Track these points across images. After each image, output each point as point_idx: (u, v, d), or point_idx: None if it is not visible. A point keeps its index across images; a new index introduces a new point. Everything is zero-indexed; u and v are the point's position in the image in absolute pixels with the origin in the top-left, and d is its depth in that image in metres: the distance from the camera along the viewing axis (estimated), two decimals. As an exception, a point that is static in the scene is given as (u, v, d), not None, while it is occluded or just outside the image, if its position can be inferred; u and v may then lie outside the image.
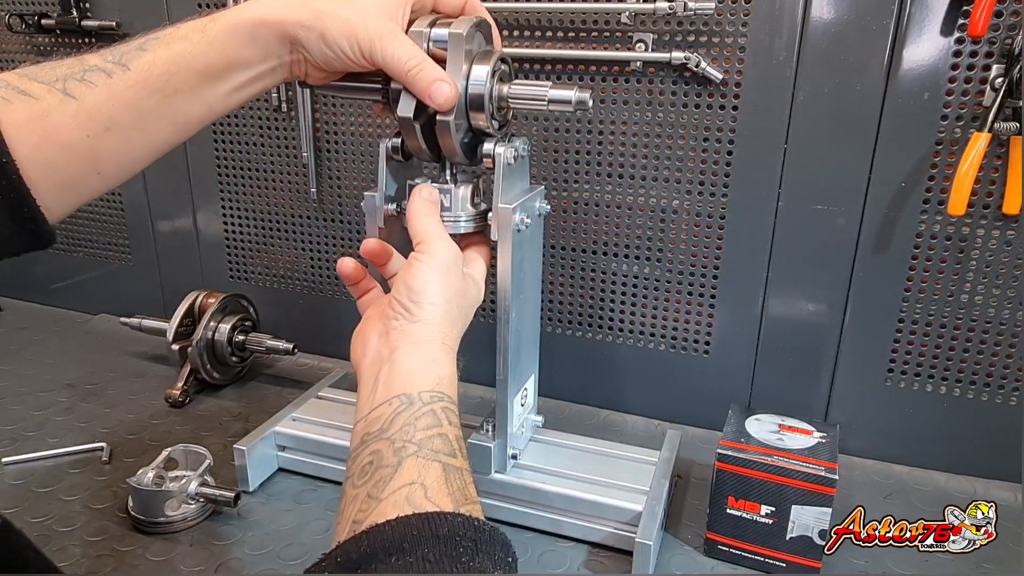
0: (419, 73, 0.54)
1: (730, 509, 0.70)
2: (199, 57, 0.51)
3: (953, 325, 0.81)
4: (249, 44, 0.52)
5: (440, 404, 0.51)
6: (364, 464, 0.47)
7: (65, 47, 1.12)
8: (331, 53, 0.52)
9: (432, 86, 0.55)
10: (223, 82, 0.52)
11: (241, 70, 0.52)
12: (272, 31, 0.52)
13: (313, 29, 0.51)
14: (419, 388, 0.51)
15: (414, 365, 0.52)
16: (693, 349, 0.92)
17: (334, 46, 0.52)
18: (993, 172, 0.75)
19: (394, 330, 0.53)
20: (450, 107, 0.56)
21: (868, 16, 0.75)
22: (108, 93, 0.49)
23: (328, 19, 0.51)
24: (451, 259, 0.56)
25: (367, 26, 0.52)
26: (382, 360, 0.53)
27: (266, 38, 0.52)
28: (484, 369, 0.73)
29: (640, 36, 0.82)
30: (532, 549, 0.73)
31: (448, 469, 0.47)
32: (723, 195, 0.85)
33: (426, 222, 0.57)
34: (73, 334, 1.20)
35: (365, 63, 0.53)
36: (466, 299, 0.58)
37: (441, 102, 0.55)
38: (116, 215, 1.19)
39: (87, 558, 0.70)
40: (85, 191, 0.51)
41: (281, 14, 0.51)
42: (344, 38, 0.52)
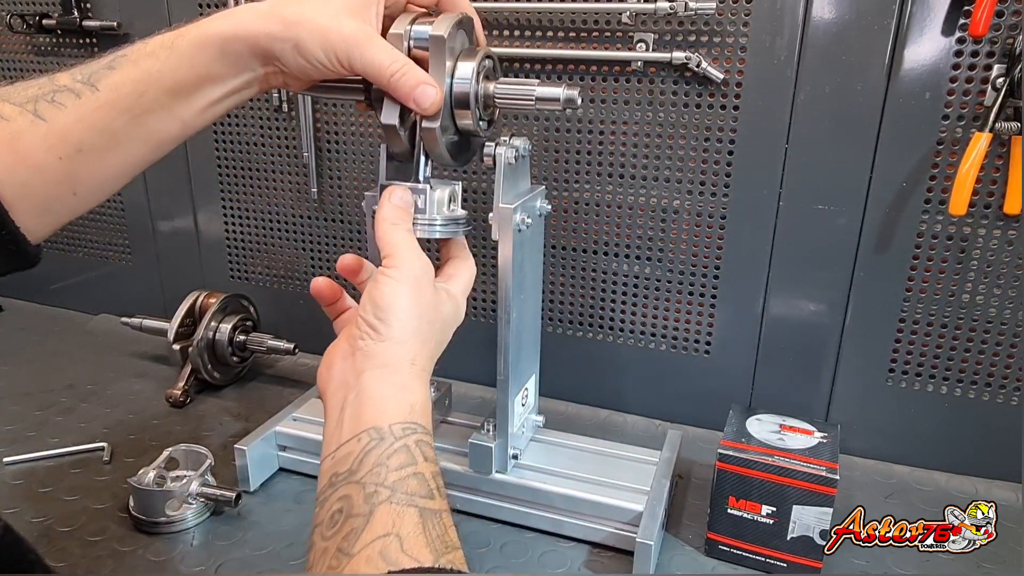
0: (402, 78, 0.51)
1: (731, 509, 0.70)
2: (168, 75, 0.49)
3: (954, 325, 0.81)
4: (219, 59, 0.50)
5: (413, 437, 0.47)
6: (333, 512, 0.44)
7: (66, 47, 1.12)
8: (306, 63, 0.50)
9: (416, 90, 0.52)
10: (195, 99, 0.51)
11: (213, 86, 0.51)
12: (243, 45, 0.50)
13: (286, 40, 0.49)
14: (390, 420, 0.47)
15: (383, 393, 0.48)
16: (694, 349, 0.92)
17: (309, 56, 0.50)
18: (994, 172, 0.75)
19: (359, 351, 0.49)
20: (436, 111, 0.54)
21: (869, 16, 0.75)
22: (78, 114, 0.48)
23: (300, 28, 0.49)
24: (421, 272, 0.52)
25: (341, 32, 0.50)
26: (348, 387, 0.49)
27: (237, 52, 0.50)
28: (485, 369, 0.73)
29: (641, 36, 0.82)
30: (533, 549, 0.73)
31: (425, 514, 0.43)
32: (724, 195, 0.85)
33: (393, 232, 0.53)
34: (74, 334, 1.20)
35: (343, 70, 0.51)
36: (439, 316, 0.54)
37: (427, 106, 0.53)
38: (117, 215, 1.19)
39: (88, 558, 0.70)
40: (63, 212, 0.50)
41: (251, 27, 0.49)
42: (319, 47, 0.49)
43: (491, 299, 0.99)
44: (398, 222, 0.54)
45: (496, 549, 0.73)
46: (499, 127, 0.63)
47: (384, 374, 0.49)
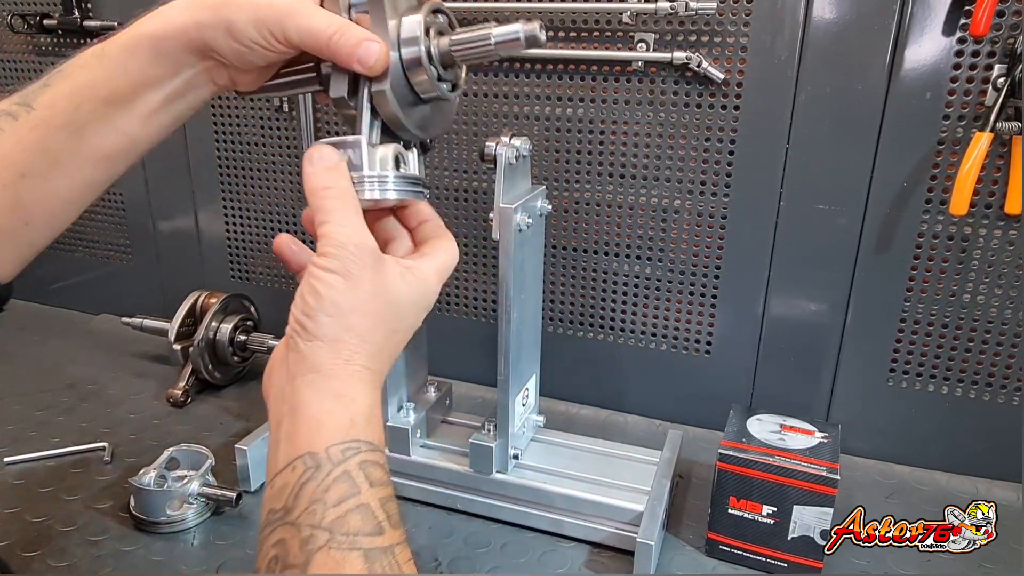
0: (341, 38, 0.45)
1: (731, 509, 0.70)
2: (102, 84, 0.46)
3: (955, 325, 0.81)
4: (153, 61, 0.46)
5: (356, 459, 0.41)
6: (269, 560, 0.39)
7: (67, 47, 1.12)
8: (242, 46, 0.46)
9: (358, 48, 0.45)
10: (135, 107, 0.47)
11: (151, 91, 0.47)
12: (174, 42, 0.46)
13: (216, 26, 0.45)
14: (327, 441, 0.41)
15: (318, 406, 0.42)
16: (694, 349, 0.92)
17: (242, 37, 0.45)
18: (995, 172, 0.75)
19: (293, 353, 0.43)
20: (382, 67, 0.47)
21: (870, 16, 0.75)
22: (15, 137, 0.45)
23: (229, 9, 0.45)
24: (357, 253, 0.43)
25: (272, 4, 0.45)
26: (283, 398, 0.43)
27: (170, 50, 0.46)
28: (485, 369, 0.73)
29: (641, 36, 0.82)
30: (533, 549, 0.73)
31: (372, 555, 0.38)
32: (724, 195, 0.85)
33: (324, 198, 0.44)
34: (74, 334, 1.20)
35: (281, 46, 0.46)
36: (392, 300, 0.45)
37: (372, 62, 0.45)
38: (117, 215, 1.19)
39: (88, 558, 0.70)
40: (23, 245, 0.48)
41: (179, 21, 0.46)
42: (251, 25, 0.45)
43: (492, 299, 0.99)
44: (330, 184, 0.45)
45: (496, 549, 0.73)
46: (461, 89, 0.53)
47: (317, 380, 0.42)
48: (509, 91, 0.90)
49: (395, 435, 0.79)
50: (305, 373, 0.42)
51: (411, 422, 0.79)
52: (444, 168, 0.96)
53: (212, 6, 0.46)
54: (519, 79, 0.89)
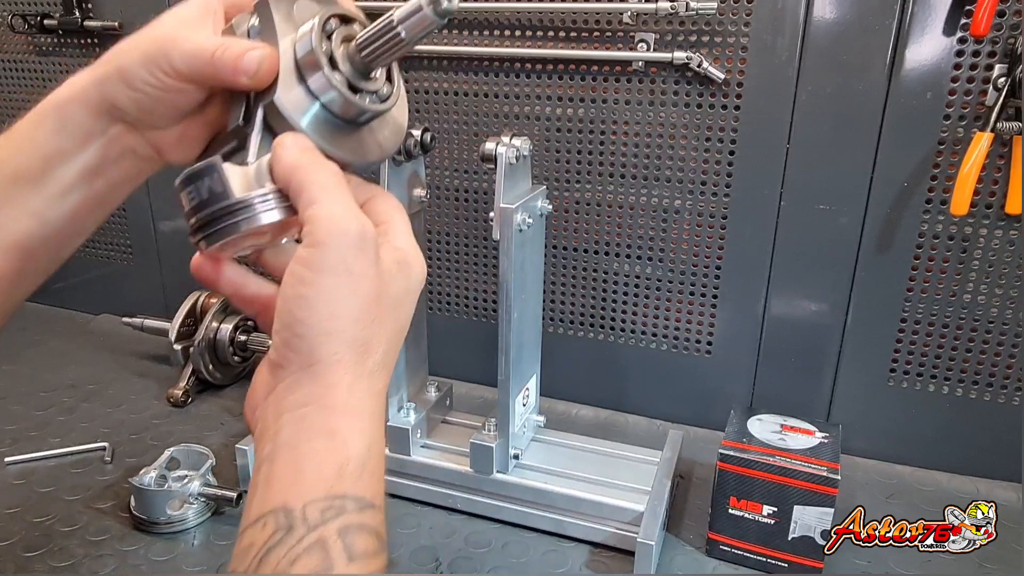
0: (224, 52, 0.39)
1: (732, 509, 0.70)
2: (8, 161, 0.43)
3: (955, 325, 0.81)
4: (60, 130, 0.43)
5: (336, 523, 0.34)
6: None
7: (67, 48, 1.12)
8: (136, 92, 0.41)
9: (240, 59, 0.39)
10: (45, 185, 0.43)
11: (61, 165, 0.43)
12: (77, 105, 0.43)
13: (111, 76, 0.42)
14: (305, 496, 0.34)
15: (304, 448, 0.35)
16: (695, 349, 0.92)
17: (135, 79, 0.41)
18: (996, 172, 0.75)
19: (281, 383, 0.37)
20: (269, 73, 0.40)
21: (870, 16, 0.74)
22: None
23: (122, 55, 0.42)
24: (361, 241, 0.36)
25: (156, 36, 0.41)
26: (266, 435, 0.37)
27: (74, 116, 0.43)
28: (486, 369, 0.73)
29: (642, 36, 0.82)
30: (534, 549, 0.73)
31: None
32: (725, 195, 0.85)
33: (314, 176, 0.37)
34: (75, 334, 1.20)
35: (172, 80, 0.41)
36: (395, 297, 0.39)
37: (254, 68, 0.39)
38: (118, 215, 1.19)
39: (89, 558, 0.70)
40: None
41: (80, 82, 0.43)
42: (140, 64, 0.41)
43: (492, 299, 0.99)
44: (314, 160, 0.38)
45: (497, 549, 0.73)
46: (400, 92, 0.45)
47: (307, 416, 0.36)
48: (509, 91, 0.90)
49: (395, 435, 0.79)
50: (294, 410, 0.36)
51: (411, 422, 0.79)
52: (444, 168, 0.96)
53: (107, 59, 0.42)
54: (519, 79, 0.89)
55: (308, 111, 0.40)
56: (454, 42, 0.90)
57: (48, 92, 0.45)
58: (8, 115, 1.19)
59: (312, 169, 0.38)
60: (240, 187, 0.38)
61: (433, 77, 0.93)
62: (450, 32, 0.90)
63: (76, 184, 0.43)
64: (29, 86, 1.16)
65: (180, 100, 0.42)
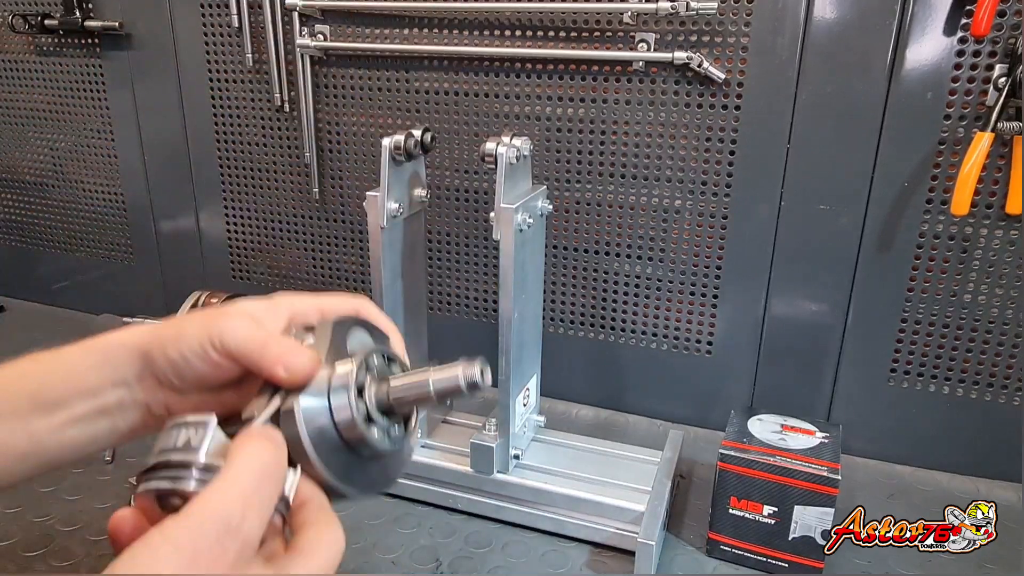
0: (275, 345, 0.42)
1: (732, 509, 0.70)
2: (41, 376, 0.44)
3: (956, 325, 0.81)
4: (100, 366, 0.44)
5: None
6: None
7: (68, 48, 1.12)
8: (181, 358, 0.43)
9: (285, 355, 0.41)
10: (59, 411, 0.44)
11: (84, 398, 0.44)
12: (126, 351, 0.45)
13: (168, 337, 0.44)
14: None
15: None
16: (695, 349, 0.92)
17: (187, 345, 0.43)
18: (996, 172, 0.75)
19: None
20: (301, 376, 0.41)
21: (871, 16, 0.74)
22: None
23: (186, 320, 0.44)
24: (226, 532, 0.34)
25: (220, 316, 0.44)
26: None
27: (118, 358, 0.45)
28: (486, 369, 0.73)
29: (642, 36, 0.82)
30: (534, 549, 0.73)
31: None
32: (725, 195, 0.85)
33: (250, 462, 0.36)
34: (76, 334, 1.19)
35: (218, 358, 0.42)
36: None
37: (296, 367, 0.41)
38: (118, 215, 1.20)
39: (90, 557, 0.70)
40: None
41: (138, 332, 0.45)
42: (197, 334, 0.43)
43: (492, 299, 1.00)
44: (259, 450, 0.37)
45: (498, 549, 0.73)
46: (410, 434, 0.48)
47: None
48: (510, 91, 0.90)
49: (396, 435, 0.79)
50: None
51: (412, 422, 0.79)
52: (445, 168, 0.96)
53: (175, 321, 0.45)
54: (520, 79, 0.89)
55: (317, 422, 0.41)
56: (454, 42, 0.90)
57: (48, 92, 0.45)
58: (8, 115, 1.20)
59: (254, 454, 0.37)
60: (212, 453, 0.38)
61: (433, 77, 0.93)
62: (450, 32, 0.90)
63: (84, 419, 0.45)
64: (29, 86, 1.17)
65: (214, 374, 0.44)
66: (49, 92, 1.15)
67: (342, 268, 1.07)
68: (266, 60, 0.99)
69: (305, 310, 0.47)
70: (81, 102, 1.14)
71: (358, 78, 0.97)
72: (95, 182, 1.19)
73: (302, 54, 0.95)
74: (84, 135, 1.16)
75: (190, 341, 0.43)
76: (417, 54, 0.92)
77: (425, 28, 0.91)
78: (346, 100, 0.98)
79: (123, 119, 1.13)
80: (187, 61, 1.05)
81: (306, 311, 0.47)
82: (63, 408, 0.44)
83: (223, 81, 1.04)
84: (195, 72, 1.05)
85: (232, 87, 1.04)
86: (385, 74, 0.95)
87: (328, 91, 0.98)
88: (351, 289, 1.06)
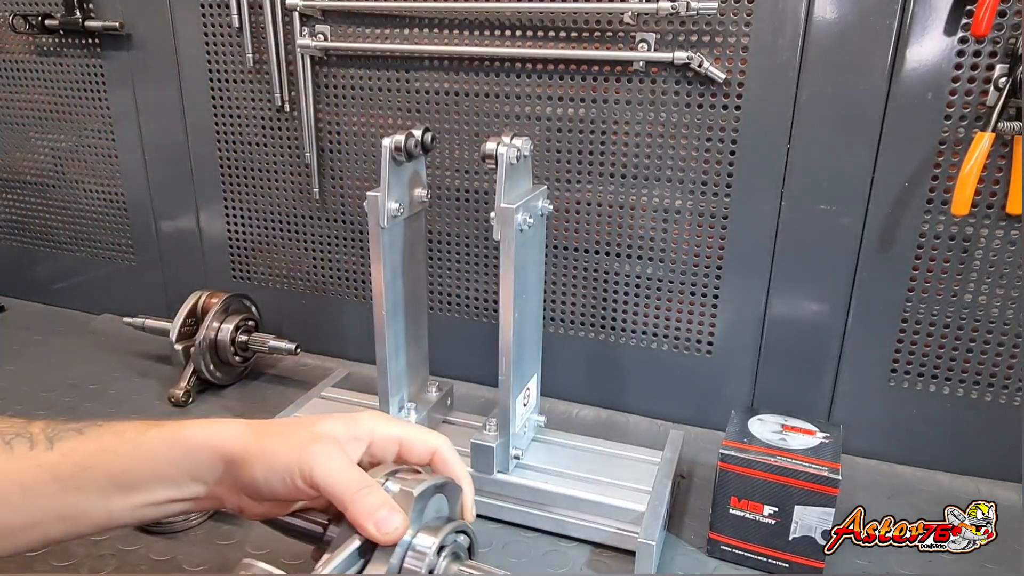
0: (369, 495, 0.44)
1: (733, 509, 0.70)
2: (122, 459, 0.46)
3: (956, 325, 0.81)
4: (181, 460, 0.46)
5: None
6: None
7: (69, 48, 1.12)
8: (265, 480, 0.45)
9: (379, 511, 0.44)
10: (136, 494, 0.46)
11: (162, 487, 0.47)
12: (211, 456, 0.46)
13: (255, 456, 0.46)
14: None
15: None
16: (696, 349, 0.92)
17: (273, 473, 0.45)
18: (997, 172, 0.75)
19: None
20: (388, 540, 0.44)
21: (871, 16, 0.74)
22: (15, 466, 0.45)
23: (278, 444, 0.46)
24: None
25: (315, 449, 0.46)
26: None
27: (202, 461, 0.47)
28: (486, 369, 0.73)
29: (642, 36, 0.82)
30: (535, 549, 0.73)
31: None
32: (726, 195, 0.85)
33: None
34: (76, 334, 1.20)
35: (303, 487, 0.45)
36: None
37: (388, 530, 0.43)
38: (119, 215, 1.20)
39: (91, 557, 0.70)
40: None
41: (224, 436, 0.47)
42: (285, 464, 0.45)
43: (492, 299, 1.00)
44: None
45: (498, 549, 0.73)
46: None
47: None
48: (510, 91, 0.90)
49: (396, 435, 0.79)
50: None
51: (412, 422, 0.79)
52: (445, 168, 0.96)
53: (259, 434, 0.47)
54: (520, 79, 0.89)
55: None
56: (455, 42, 0.90)
57: (48, 92, 0.46)
58: (9, 115, 1.20)
59: None
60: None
61: (434, 77, 0.93)
62: (451, 32, 0.90)
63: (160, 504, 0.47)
64: (30, 86, 1.17)
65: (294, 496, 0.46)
66: (49, 92, 1.16)
67: (342, 268, 1.07)
68: (266, 60, 0.99)
69: (385, 442, 0.49)
70: (82, 102, 1.14)
71: (358, 78, 0.97)
72: (96, 182, 1.19)
73: (302, 54, 0.95)
74: (85, 135, 1.16)
75: (278, 467, 0.45)
76: (417, 54, 0.92)
77: (425, 28, 0.91)
78: (346, 100, 0.98)
79: (124, 119, 1.13)
80: (187, 61, 1.05)
81: (386, 443, 0.49)
82: (141, 492, 0.46)
83: (223, 81, 1.04)
84: (195, 72, 1.05)
85: (232, 87, 1.04)
86: (385, 74, 0.95)
87: (328, 91, 0.98)
88: (351, 289, 1.06)
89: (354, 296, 1.06)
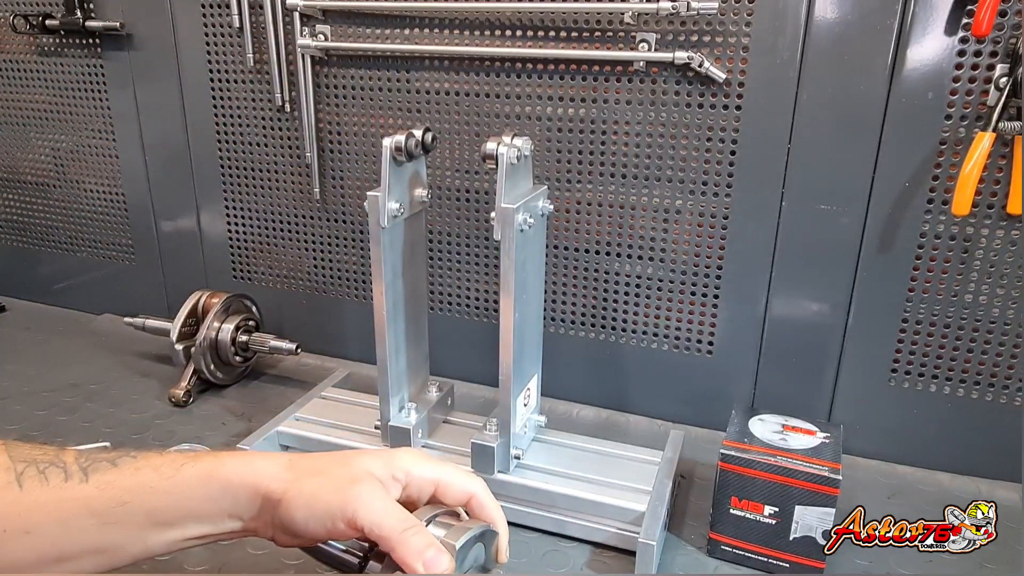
0: (416, 535, 0.45)
1: (733, 509, 0.70)
2: (159, 495, 0.46)
3: (957, 325, 0.81)
4: (219, 498, 0.47)
5: None
6: None
7: (69, 48, 1.12)
8: (305, 523, 0.46)
9: (427, 551, 0.44)
10: (171, 530, 0.46)
11: (199, 523, 0.47)
12: (250, 491, 0.47)
13: (294, 498, 0.46)
14: None
15: None
16: (696, 349, 0.92)
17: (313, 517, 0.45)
18: (997, 172, 0.75)
19: None
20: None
21: (872, 16, 0.74)
22: (50, 497, 0.44)
23: (320, 487, 0.46)
24: None
25: (358, 492, 0.46)
26: None
27: (240, 499, 0.47)
28: (487, 369, 0.73)
29: (643, 36, 0.82)
30: (535, 549, 0.73)
31: None
32: (726, 195, 0.85)
33: None
34: (77, 334, 1.20)
35: (344, 528, 0.45)
36: None
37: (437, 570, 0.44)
38: (120, 215, 1.20)
39: (91, 557, 0.70)
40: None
41: (263, 474, 0.47)
42: (326, 507, 0.45)
43: (492, 299, 1.00)
44: None
45: (498, 549, 0.73)
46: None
47: None
48: (511, 91, 0.90)
49: (396, 435, 0.79)
50: None
51: (412, 422, 0.79)
52: (445, 168, 0.96)
53: (297, 471, 0.47)
54: (520, 79, 0.89)
55: None
56: (455, 42, 0.90)
57: (49, 92, 0.45)
58: (9, 115, 1.20)
59: None
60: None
61: (434, 77, 0.93)
62: (451, 32, 0.90)
63: (195, 539, 0.47)
64: (30, 86, 1.17)
65: (334, 536, 0.46)
66: (50, 92, 1.16)
67: (343, 268, 1.07)
68: (267, 60, 0.99)
69: (422, 483, 0.49)
70: (82, 102, 1.14)
71: (359, 78, 0.97)
72: (96, 182, 1.19)
73: (303, 54, 0.96)
74: (85, 135, 1.17)
75: (319, 510, 0.45)
76: (418, 54, 0.92)
77: (426, 28, 0.91)
78: (347, 100, 0.98)
79: (124, 119, 1.13)
80: (188, 61, 1.05)
81: (423, 484, 0.50)
82: (177, 528, 0.46)
83: (224, 81, 1.04)
84: (196, 72, 1.05)
85: (233, 87, 1.04)
86: (386, 74, 0.95)
87: (329, 91, 0.98)
88: (352, 289, 1.06)
89: (354, 296, 1.07)
